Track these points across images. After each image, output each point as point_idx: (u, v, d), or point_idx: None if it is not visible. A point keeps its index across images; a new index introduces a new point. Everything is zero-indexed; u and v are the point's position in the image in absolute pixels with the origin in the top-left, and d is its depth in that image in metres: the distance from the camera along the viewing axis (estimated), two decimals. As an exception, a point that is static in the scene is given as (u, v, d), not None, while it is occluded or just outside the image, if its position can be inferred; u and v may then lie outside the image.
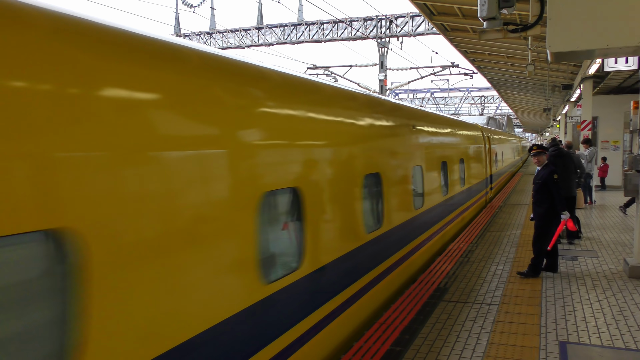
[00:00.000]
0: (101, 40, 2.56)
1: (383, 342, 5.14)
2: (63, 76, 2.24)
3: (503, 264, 8.37)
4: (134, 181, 2.57)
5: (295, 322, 4.16)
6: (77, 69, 2.32)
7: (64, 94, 2.23)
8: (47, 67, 2.18)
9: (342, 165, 5.22)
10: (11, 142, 1.98)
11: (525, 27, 6.97)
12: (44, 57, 2.18)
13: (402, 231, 7.13)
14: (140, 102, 2.67)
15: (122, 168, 2.49)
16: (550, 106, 31.02)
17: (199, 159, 3.06)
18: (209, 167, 3.17)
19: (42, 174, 2.09)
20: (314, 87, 5.03)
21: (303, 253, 4.36)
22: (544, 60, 17.00)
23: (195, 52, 3.38)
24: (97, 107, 2.39)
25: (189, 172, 2.97)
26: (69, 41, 2.34)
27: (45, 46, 2.21)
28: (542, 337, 5.28)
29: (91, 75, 2.39)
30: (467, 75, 27.97)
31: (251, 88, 3.78)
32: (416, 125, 8.31)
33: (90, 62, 2.41)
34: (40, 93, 2.13)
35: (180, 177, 2.90)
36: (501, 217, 13.49)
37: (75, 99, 2.27)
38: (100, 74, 2.45)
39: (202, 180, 3.10)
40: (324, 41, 28.23)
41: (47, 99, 2.14)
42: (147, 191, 2.66)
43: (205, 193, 3.14)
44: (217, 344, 3.17)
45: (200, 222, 3.08)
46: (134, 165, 2.57)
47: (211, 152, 3.18)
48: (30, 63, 2.12)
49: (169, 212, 2.81)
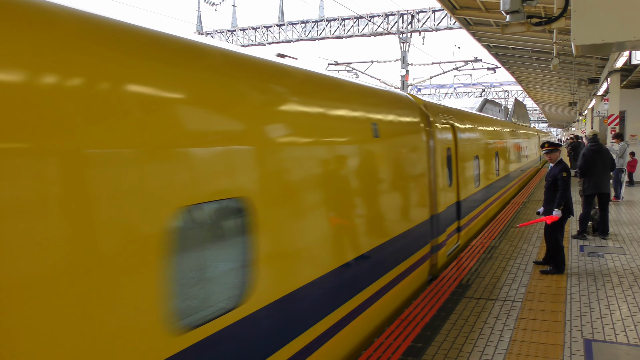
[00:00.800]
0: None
1: (404, 338, 5.13)
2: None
3: (527, 260, 8.27)
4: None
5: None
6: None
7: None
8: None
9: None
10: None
11: (549, 20, 6.85)
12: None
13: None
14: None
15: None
16: (576, 100, 30.46)
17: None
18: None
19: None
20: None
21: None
22: (569, 53, 16.67)
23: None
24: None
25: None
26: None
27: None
28: (567, 335, 5.21)
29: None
30: (490, 69, 27.64)
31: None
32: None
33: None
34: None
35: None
36: (525, 212, 13.31)
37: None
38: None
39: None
40: (345, 37, 28.15)
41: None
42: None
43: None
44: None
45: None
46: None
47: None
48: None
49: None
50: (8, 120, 2.02)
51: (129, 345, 2.47)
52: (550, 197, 7.67)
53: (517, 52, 20.54)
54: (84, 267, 2.28)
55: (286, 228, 3.86)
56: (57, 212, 2.18)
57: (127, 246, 2.49)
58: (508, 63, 24.61)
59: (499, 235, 10.31)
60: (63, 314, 2.18)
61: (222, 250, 3.38)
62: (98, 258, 2.34)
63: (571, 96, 29.00)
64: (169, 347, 2.67)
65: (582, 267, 7.79)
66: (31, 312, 2.07)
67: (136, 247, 2.54)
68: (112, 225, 2.42)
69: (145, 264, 2.58)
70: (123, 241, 2.48)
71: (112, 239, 2.42)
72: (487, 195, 12.23)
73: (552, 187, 7.62)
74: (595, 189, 9.86)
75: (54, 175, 2.17)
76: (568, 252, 8.69)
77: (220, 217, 3.39)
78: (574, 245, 9.27)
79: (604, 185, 9.91)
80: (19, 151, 2.07)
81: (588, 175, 9.94)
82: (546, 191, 7.81)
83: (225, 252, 3.38)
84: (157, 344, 2.62)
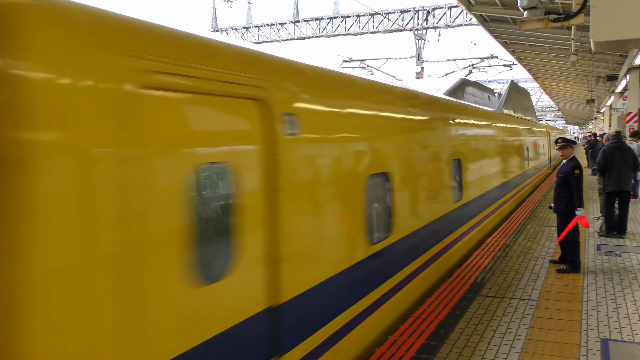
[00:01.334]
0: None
1: (418, 335, 5.12)
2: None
3: (542, 259, 8.19)
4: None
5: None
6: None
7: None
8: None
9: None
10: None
11: (567, 16, 6.78)
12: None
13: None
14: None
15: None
16: (594, 98, 30.05)
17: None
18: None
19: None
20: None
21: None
22: (587, 50, 16.46)
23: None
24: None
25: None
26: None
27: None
28: (583, 334, 5.16)
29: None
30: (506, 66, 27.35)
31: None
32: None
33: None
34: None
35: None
36: (541, 211, 13.19)
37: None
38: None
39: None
40: (360, 34, 28.08)
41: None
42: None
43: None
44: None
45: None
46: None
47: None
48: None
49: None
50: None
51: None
52: (560, 193, 7.58)
53: (534, 48, 20.32)
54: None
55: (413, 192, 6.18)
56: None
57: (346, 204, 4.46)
58: (525, 60, 24.36)
59: (514, 234, 10.23)
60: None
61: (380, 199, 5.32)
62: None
63: (589, 93, 28.62)
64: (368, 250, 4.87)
65: (599, 266, 7.70)
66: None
67: (351, 200, 4.55)
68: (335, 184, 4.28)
69: (357, 202, 4.64)
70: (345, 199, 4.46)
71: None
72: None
73: (562, 184, 7.54)
74: (616, 186, 9.73)
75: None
76: (585, 250, 8.60)
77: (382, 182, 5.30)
78: (590, 244, 9.17)
79: (625, 183, 9.78)
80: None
81: (608, 172, 9.82)
82: (557, 187, 7.72)
83: (380, 201, 5.31)
84: (362, 248, 4.77)
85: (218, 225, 3.15)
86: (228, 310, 3.06)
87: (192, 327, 2.80)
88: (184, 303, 2.72)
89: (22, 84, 2.05)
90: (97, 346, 2.28)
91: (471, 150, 9.34)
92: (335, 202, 4.34)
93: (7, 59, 2.05)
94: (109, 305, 2.33)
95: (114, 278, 2.35)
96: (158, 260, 2.58)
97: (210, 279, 2.92)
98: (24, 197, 2.04)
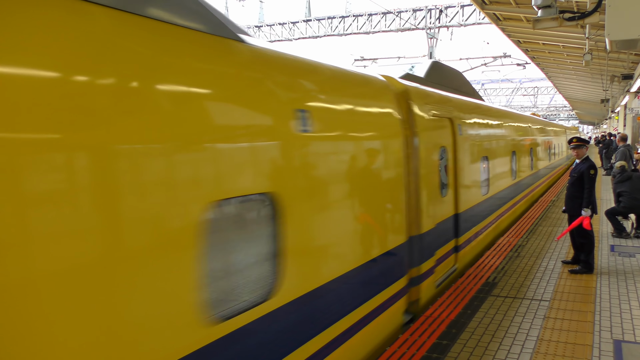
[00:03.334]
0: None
1: (429, 334, 5.11)
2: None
3: (555, 259, 8.14)
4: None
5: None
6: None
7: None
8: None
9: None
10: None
11: (582, 15, 6.72)
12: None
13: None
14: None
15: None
16: (608, 97, 29.70)
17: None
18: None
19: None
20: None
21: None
22: (602, 49, 16.28)
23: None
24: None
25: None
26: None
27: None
28: (596, 335, 5.12)
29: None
30: (519, 65, 27.14)
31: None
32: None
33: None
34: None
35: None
36: (554, 211, 13.09)
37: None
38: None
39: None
40: (372, 33, 28.00)
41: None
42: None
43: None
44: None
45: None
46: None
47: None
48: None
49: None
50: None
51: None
52: (574, 193, 7.50)
53: (547, 47, 20.13)
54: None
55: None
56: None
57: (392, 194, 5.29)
58: (538, 59, 24.15)
59: (527, 234, 10.17)
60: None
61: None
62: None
63: (603, 92, 28.29)
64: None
65: (613, 267, 7.63)
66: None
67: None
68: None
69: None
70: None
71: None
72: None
73: (576, 184, 7.46)
74: (630, 209, 9.81)
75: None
76: (598, 251, 8.53)
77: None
78: (604, 245, 9.09)
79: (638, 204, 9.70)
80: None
81: (621, 195, 9.81)
82: (570, 187, 7.64)
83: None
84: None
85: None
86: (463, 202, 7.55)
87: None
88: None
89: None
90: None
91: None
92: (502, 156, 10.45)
93: (405, 115, 5.47)
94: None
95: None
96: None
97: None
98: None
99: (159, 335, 2.48)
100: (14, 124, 1.92)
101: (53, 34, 2.10)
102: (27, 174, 1.96)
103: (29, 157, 1.97)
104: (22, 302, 1.94)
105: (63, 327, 2.08)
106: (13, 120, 1.91)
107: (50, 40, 2.08)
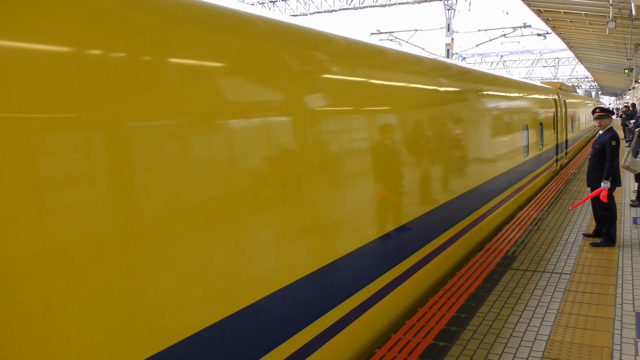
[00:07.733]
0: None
1: (448, 308, 5.11)
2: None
3: (576, 232, 8.03)
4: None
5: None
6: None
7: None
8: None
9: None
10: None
11: (606, -20, 6.47)
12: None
13: None
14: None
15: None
16: (632, 66, 28.94)
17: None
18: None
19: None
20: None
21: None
22: (626, 16, 15.79)
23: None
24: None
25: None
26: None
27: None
28: (618, 308, 5.06)
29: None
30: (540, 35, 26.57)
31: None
32: None
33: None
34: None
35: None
36: (575, 184, 12.90)
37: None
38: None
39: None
40: (389, 5, 27.51)
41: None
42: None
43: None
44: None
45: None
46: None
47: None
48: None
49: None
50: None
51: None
52: (595, 165, 7.33)
53: (569, 16, 19.60)
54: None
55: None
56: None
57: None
58: (559, 28, 23.55)
59: (547, 207, 10.04)
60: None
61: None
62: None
63: (627, 62, 27.56)
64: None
65: (635, 240, 7.51)
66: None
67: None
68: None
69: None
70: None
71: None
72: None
73: (598, 155, 7.29)
74: None
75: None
76: (620, 224, 8.39)
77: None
78: (627, 218, 8.94)
79: None
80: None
81: None
82: (592, 158, 7.44)
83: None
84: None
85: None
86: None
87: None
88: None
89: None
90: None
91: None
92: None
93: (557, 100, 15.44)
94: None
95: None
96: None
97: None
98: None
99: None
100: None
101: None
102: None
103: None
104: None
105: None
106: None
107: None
